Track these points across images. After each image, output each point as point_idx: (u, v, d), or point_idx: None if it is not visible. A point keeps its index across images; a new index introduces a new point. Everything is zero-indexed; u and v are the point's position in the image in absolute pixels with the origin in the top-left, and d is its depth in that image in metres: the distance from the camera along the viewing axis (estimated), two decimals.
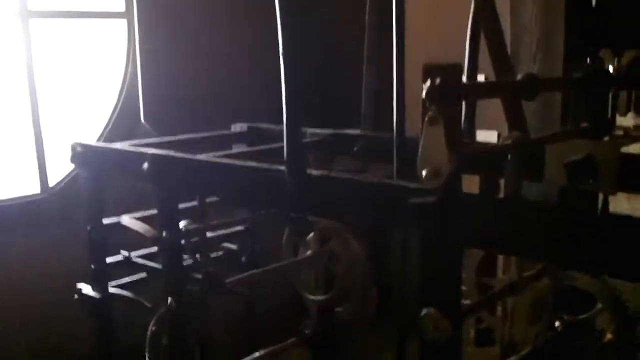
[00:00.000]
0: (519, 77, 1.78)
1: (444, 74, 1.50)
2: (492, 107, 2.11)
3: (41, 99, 4.19)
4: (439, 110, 1.52)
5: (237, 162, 1.99)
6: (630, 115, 2.25)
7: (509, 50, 2.52)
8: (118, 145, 2.43)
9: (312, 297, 2.13)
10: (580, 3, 3.11)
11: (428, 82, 1.52)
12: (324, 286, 2.12)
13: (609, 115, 2.14)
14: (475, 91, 1.66)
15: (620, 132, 2.12)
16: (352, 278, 2.01)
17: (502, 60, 2.01)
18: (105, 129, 4.52)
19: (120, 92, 4.53)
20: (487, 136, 3.84)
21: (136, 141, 2.51)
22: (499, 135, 4.03)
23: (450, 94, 1.51)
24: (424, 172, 1.55)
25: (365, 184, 1.73)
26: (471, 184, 1.87)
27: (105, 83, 4.58)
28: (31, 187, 4.24)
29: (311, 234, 2.15)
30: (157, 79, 4.25)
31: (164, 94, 4.27)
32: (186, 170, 2.12)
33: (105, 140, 4.45)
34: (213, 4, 4.39)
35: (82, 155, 2.42)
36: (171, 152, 2.16)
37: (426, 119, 1.55)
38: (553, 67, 3.25)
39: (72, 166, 4.31)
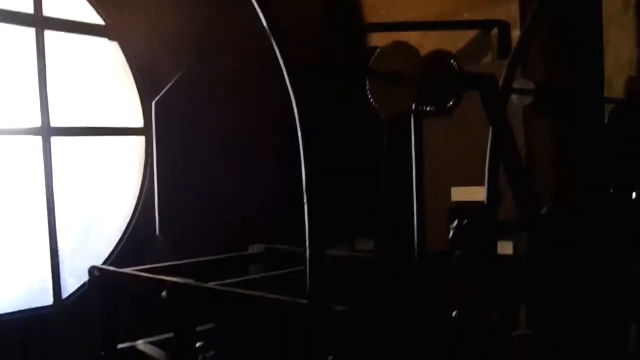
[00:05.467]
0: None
1: (471, 217, 1.51)
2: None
3: (57, 211, 4.23)
4: (466, 253, 1.52)
5: (258, 294, 1.97)
6: None
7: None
8: (136, 270, 2.42)
9: None
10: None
11: (455, 224, 1.53)
12: None
13: None
14: (503, 231, 1.66)
15: None
16: None
17: (522, 189, 2.01)
18: (120, 240, 4.53)
19: (137, 205, 4.58)
20: (502, 247, 3.79)
21: (152, 265, 2.51)
22: (514, 246, 4.00)
23: (478, 237, 1.51)
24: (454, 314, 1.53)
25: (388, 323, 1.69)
26: None
27: (121, 195, 4.64)
28: (42, 298, 4.21)
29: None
30: (173, 193, 4.30)
31: (180, 208, 4.30)
32: (205, 300, 2.10)
33: (120, 252, 4.47)
34: (234, 124, 4.50)
35: (100, 279, 2.41)
36: (190, 281, 2.15)
37: (454, 262, 1.55)
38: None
39: (85, 277, 4.36)
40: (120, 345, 2.51)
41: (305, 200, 1.83)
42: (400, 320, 1.84)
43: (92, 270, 2.44)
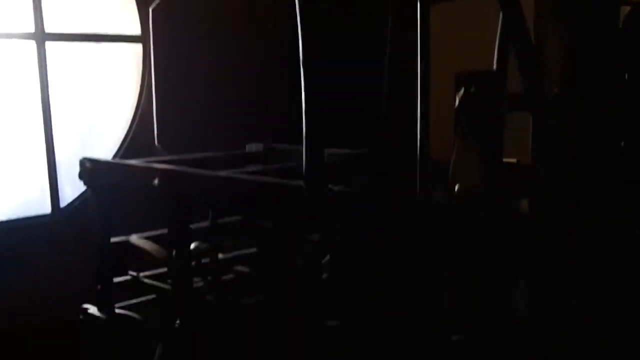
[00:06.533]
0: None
1: (480, 82, 1.40)
2: (510, 134, 1.99)
3: (55, 121, 4.14)
4: (473, 122, 1.42)
5: (250, 177, 1.89)
6: None
7: None
8: (128, 160, 2.34)
9: None
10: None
11: (461, 91, 1.42)
12: None
13: None
14: (512, 103, 1.55)
15: None
16: None
17: (532, 76, 1.90)
18: (118, 151, 4.45)
19: (134, 115, 4.48)
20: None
21: (146, 159, 2.43)
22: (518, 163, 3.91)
23: (487, 104, 1.40)
24: (456, 188, 1.44)
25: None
26: None
27: (118, 106, 4.53)
28: (41, 209, 4.17)
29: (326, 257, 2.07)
30: (171, 101, 4.19)
31: (179, 116, 4.20)
32: (198, 186, 2.02)
33: None
34: (228, 25, 4.36)
35: (91, 171, 2.33)
36: (182, 168, 2.06)
37: (459, 132, 1.45)
38: None
39: (83, 188, 4.30)
40: (114, 239, 2.45)
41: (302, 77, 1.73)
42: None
43: (83, 162, 2.36)
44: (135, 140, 4.43)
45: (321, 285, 2.11)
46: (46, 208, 4.17)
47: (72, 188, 4.28)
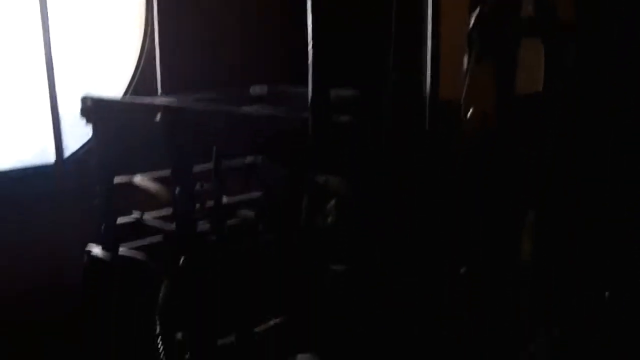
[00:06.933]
0: None
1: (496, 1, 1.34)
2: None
3: (58, 77, 4.08)
4: (488, 44, 1.36)
5: (254, 111, 1.84)
6: None
7: None
8: (130, 97, 2.29)
9: None
10: None
11: (476, 11, 1.36)
12: None
13: None
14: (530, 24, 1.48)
15: None
16: None
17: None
18: None
19: (137, 65, 4.40)
20: None
21: (149, 97, 2.38)
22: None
23: (503, 25, 1.34)
24: (469, 113, 1.39)
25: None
26: None
27: (122, 56, 4.46)
28: (45, 157, 4.14)
29: (332, 202, 2.03)
30: (176, 51, 4.12)
31: (183, 64, 4.14)
32: (200, 121, 1.97)
33: None
34: None
35: (93, 109, 2.28)
36: (184, 103, 2.02)
37: (473, 54, 1.39)
38: None
39: (86, 138, 4.25)
40: (116, 180, 2.42)
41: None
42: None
43: (84, 100, 2.32)
44: (139, 90, 4.36)
45: (326, 228, 2.08)
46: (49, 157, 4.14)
47: (76, 144, 4.25)
